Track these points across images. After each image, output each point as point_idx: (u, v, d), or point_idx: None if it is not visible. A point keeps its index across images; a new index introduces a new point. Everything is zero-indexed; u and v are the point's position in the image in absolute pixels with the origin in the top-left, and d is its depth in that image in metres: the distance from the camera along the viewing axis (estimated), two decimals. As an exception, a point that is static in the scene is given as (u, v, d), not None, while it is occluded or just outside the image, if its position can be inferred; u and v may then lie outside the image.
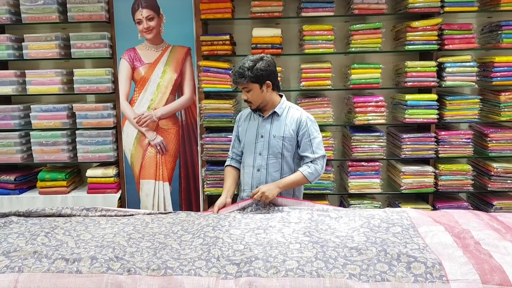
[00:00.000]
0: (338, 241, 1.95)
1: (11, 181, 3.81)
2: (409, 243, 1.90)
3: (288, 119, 2.67)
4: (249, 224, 2.19)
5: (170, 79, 3.81)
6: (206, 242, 1.98)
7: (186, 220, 2.30)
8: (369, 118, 3.59)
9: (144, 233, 2.12)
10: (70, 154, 3.87)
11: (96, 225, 2.25)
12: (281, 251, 1.86)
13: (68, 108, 3.83)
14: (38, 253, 1.86)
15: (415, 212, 2.30)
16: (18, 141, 3.82)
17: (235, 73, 2.58)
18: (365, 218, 2.19)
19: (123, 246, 1.96)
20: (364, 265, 1.74)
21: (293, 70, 3.90)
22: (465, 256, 1.80)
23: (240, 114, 2.86)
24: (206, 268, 1.75)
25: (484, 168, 3.68)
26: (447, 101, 3.58)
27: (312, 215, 2.27)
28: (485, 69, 3.66)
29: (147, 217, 2.35)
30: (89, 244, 1.99)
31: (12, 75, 3.79)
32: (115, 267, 1.76)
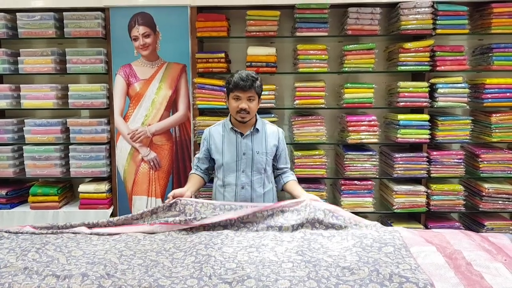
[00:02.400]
0: (331, 260, 1.95)
1: (3, 195, 3.78)
2: (401, 263, 1.90)
3: (268, 135, 2.73)
4: (241, 242, 2.18)
5: (165, 95, 3.83)
6: (198, 260, 1.98)
7: (178, 237, 2.29)
8: (362, 137, 3.62)
9: (135, 250, 2.11)
10: (63, 169, 3.86)
11: (87, 242, 2.23)
12: (273, 270, 1.86)
13: (62, 123, 3.83)
14: (29, 269, 1.85)
15: (407, 232, 2.31)
16: (10, 155, 3.81)
17: (245, 79, 2.55)
18: (357, 238, 2.19)
19: (114, 263, 1.95)
20: (356, 285, 1.74)
21: (287, 88, 3.94)
22: (456, 277, 1.80)
23: (208, 131, 2.81)
24: (198, 286, 1.75)
25: (476, 188, 3.70)
26: (439, 122, 3.61)
27: (305, 234, 2.26)
28: (476, 91, 3.71)
29: (139, 234, 2.33)
30: (80, 261, 1.97)
31: (7, 89, 3.79)
32: (106, 285, 1.75)
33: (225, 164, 2.70)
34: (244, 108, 2.58)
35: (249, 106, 2.59)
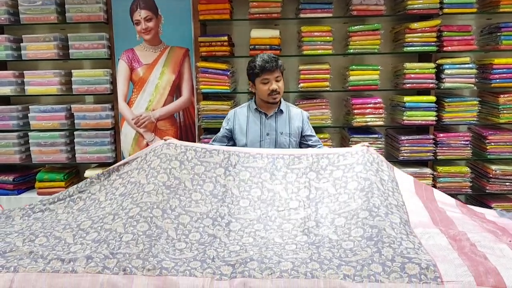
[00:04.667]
0: (335, 238, 1.93)
1: (10, 181, 3.81)
2: (404, 240, 1.87)
3: (292, 116, 2.76)
4: (248, 212, 2.16)
5: (168, 80, 3.80)
6: (203, 240, 1.98)
7: (182, 187, 2.24)
8: (367, 119, 3.58)
9: (141, 206, 2.07)
10: (69, 154, 3.87)
11: (96, 206, 2.23)
12: (276, 252, 1.86)
13: (66, 109, 3.83)
14: (34, 253, 1.86)
15: (413, 200, 2.27)
16: (16, 142, 3.83)
17: (269, 60, 2.61)
18: (364, 196, 2.12)
19: (119, 234, 1.94)
20: (358, 266, 1.73)
21: (291, 71, 3.89)
22: (460, 258, 1.79)
23: (234, 112, 2.84)
24: (201, 269, 1.76)
25: (483, 170, 3.67)
26: (446, 103, 3.57)
27: (310, 191, 2.24)
28: (484, 71, 3.64)
29: (142, 178, 2.28)
30: (87, 238, 1.97)
31: (10, 75, 3.79)
32: (110, 265, 1.76)
33: (248, 144, 2.73)
34: (275, 89, 2.63)
35: (279, 86, 2.64)
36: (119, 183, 2.34)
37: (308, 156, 2.41)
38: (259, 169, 2.36)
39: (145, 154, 2.44)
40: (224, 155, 2.39)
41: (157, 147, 2.42)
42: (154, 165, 2.31)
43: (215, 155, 2.40)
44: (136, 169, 2.36)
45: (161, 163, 2.30)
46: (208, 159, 2.37)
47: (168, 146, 2.40)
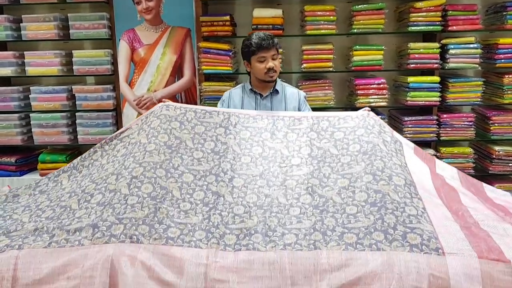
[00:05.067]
0: (339, 201, 1.93)
1: (12, 163, 3.81)
2: (408, 205, 1.86)
3: (288, 97, 2.71)
4: (250, 168, 2.16)
5: (170, 60, 3.77)
6: (207, 200, 1.99)
7: (184, 146, 2.24)
8: (370, 100, 3.56)
9: (144, 166, 2.06)
10: (70, 136, 3.86)
11: (99, 169, 2.22)
12: (280, 220, 1.87)
13: (67, 90, 3.81)
14: (39, 230, 1.86)
15: (420, 168, 2.24)
16: (18, 123, 3.81)
17: (265, 38, 2.55)
18: (367, 159, 2.11)
19: (124, 195, 1.94)
20: (361, 233, 1.76)
21: (294, 51, 3.85)
22: (462, 232, 1.79)
23: (229, 93, 2.80)
24: (206, 239, 1.78)
25: (486, 151, 3.66)
26: (450, 84, 3.54)
27: (311, 149, 2.23)
28: (489, 51, 3.60)
29: (142, 137, 2.26)
30: (91, 202, 1.97)
31: (11, 56, 3.76)
32: (117, 232, 1.77)
33: None
34: (272, 67, 2.58)
35: (275, 65, 2.60)
36: (121, 146, 2.32)
37: (308, 118, 2.40)
38: (260, 129, 2.36)
39: (145, 116, 2.41)
40: (224, 116, 2.39)
41: (156, 109, 2.40)
42: (154, 125, 2.28)
43: (215, 115, 2.39)
44: (136, 131, 2.34)
45: (161, 124, 2.28)
46: (208, 120, 2.36)
47: (167, 108, 2.37)
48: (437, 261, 1.64)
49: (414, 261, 1.64)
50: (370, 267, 1.64)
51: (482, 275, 1.60)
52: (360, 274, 1.63)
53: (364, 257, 1.67)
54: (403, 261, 1.64)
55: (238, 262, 1.69)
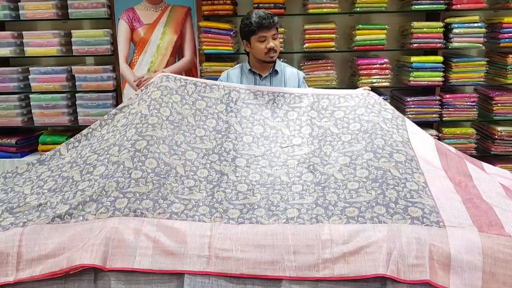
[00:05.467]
0: (341, 177, 1.95)
1: (12, 144, 3.79)
2: (409, 181, 1.88)
3: (288, 77, 2.68)
4: (252, 149, 2.18)
5: (170, 40, 3.73)
6: (211, 178, 2.00)
7: (187, 124, 2.23)
8: (373, 80, 3.53)
9: (148, 139, 2.05)
10: (71, 117, 3.84)
11: (99, 139, 2.20)
12: (283, 196, 1.89)
13: (67, 70, 3.77)
14: (43, 205, 1.86)
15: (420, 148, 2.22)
16: (18, 104, 3.78)
17: (265, 17, 2.49)
18: (368, 138, 2.13)
19: (128, 169, 1.93)
20: (362, 207, 1.78)
21: (296, 31, 3.81)
22: (464, 205, 1.80)
23: (227, 74, 2.74)
24: (210, 214, 1.80)
25: (488, 131, 3.65)
26: (453, 63, 3.51)
27: (312, 129, 2.25)
28: (493, 30, 3.56)
29: (143, 107, 2.23)
30: (94, 173, 1.96)
31: (9, 36, 3.71)
32: (121, 206, 1.78)
33: None
34: (272, 47, 2.53)
35: (275, 44, 2.55)
36: (121, 116, 2.31)
37: (308, 96, 2.40)
38: (260, 106, 2.36)
39: (145, 87, 2.38)
40: (225, 90, 2.39)
41: (156, 79, 2.37)
42: (155, 96, 2.27)
43: (215, 90, 2.38)
44: (136, 101, 2.32)
45: (162, 96, 2.27)
46: (208, 94, 2.36)
47: (167, 79, 2.36)
48: (437, 233, 1.66)
49: (415, 232, 1.66)
50: (372, 238, 1.66)
51: (482, 246, 1.62)
52: (362, 244, 1.65)
53: (366, 229, 1.69)
54: (404, 232, 1.67)
55: (241, 233, 1.72)
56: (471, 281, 1.59)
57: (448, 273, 1.60)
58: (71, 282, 1.67)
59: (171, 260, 1.67)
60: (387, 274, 1.60)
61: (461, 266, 1.60)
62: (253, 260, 1.66)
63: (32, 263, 1.69)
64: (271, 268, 1.65)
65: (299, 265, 1.65)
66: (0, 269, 1.68)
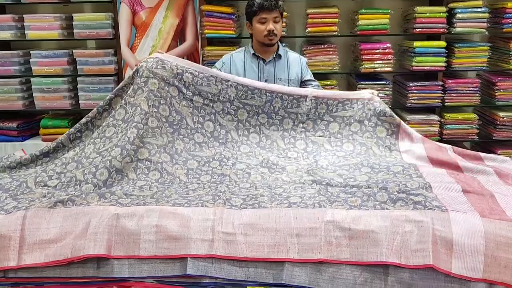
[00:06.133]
0: (341, 180, 1.98)
1: (14, 128, 3.79)
2: (409, 181, 1.91)
3: (291, 62, 2.68)
4: (250, 158, 2.21)
5: (172, 24, 3.70)
6: (214, 180, 2.03)
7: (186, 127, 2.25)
8: (375, 66, 3.52)
9: (149, 149, 2.08)
10: (72, 101, 3.82)
11: (101, 135, 2.18)
12: (285, 189, 1.92)
13: (68, 54, 3.75)
14: (47, 197, 1.87)
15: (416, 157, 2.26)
16: (19, 88, 3.77)
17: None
18: (362, 157, 2.20)
19: (133, 180, 1.97)
20: (365, 196, 1.81)
21: (298, 15, 3.78)
22: (464, 195, 1.82)
23: (230, 56, 2.74)
24: (213, 201, 1.81)
25: (490, 117, 3.65)
26: (456, 48, 3.49)
27: (306, 144, 2.30)
28: (496, 15, 3.54)
29: (142, 101, 2.20)
30: (99, 179, 1.96)
31: (10, 19, 3.68)
32: (124, 202, 1.80)
33: None
34: (272, 29, 2.53)
35: (276, 28, 2.54)
36: (119, 105, 2.28)
37: (307, 100, 2.38)
38: (257, 107, 2.37)
39: (139, 65, 2.33)
40: (222, 84, 2.36)
41: (152, 63, 2.30)
42: (153, 87, 2.24)
43: (212, 83, 2.35)
44: (132, 86, 2.28)
45: (159, 89, 2.24)
46: (205, 88, 2.34)
47: (163, 64, 2.30)
48: (440, 217, 1.66)
49: (417, 217, 1.66)
50: (374, 223, 1.67)
51: (484, 230, 1.62)
52: (365, 229, 1.66)
53: (368, 214, 1.70)
54: (407, 217, 1.67)
55: (244, 216, 1.73)
56: (473, 264, 1.60)
57: (451, 257, 1.61)
58: (74, 269, 1.68)
59: (175, 245, 1.67)
60: (388, 261, 1.61)
61: (463, 250, 1.61)
62: (256, 243, 1.67)
63: (35, 248, 1.69)
64: (274, 251, 1.66)
65: (301, 248, 1.66)
66: (3, 253, 1.68)
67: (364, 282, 1.63)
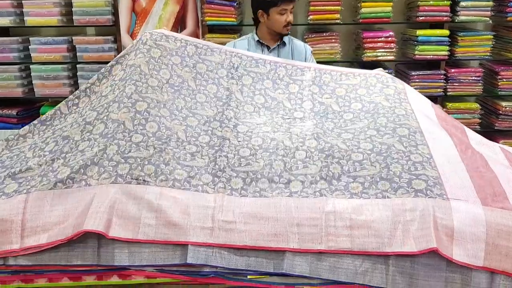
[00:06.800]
0: (344, 147, 1.93)
1: (13, 115, 3.77)
2: (413, 153, 1.87)
3: (295, 49, 2.67)
4: (254, 118, 2.15)
5: (172, 11, 3.66)
6: (213, 143, 1.96)
7: (187, 88, 2.19)
8: (378, 54, 3.49)
9: (148, 102, 2.00)
10: (72, 88, 3.79)
11: (98, 96, 2.13)
12: (286, 164, 1.87)
13: (68, 41, 3.72)
14: (44, 169, 1.83)
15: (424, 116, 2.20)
16: (18, 75, 3.74)
17: None
18: (370, 117, 2.12)
19: (129, 131, 1.88)
20: (366, 183, 1.77)
21: (300, 3, 3.72)
22: (468, 174, 1.79)
23: (234, 44, 2.71)
24: (213, 184, 1.78)
25: (492, 106, 3.63)
26: (459, 37, 3.47)
27: (313, 104, 2.24)
28: (500, 4, 3.50)
29: (142, 63, 2.15)
30: (94, 132, 1.91)
31: (9, 5, 3.64)
32: (123, 172, 1.75)
33: None
34: (291, 20, 2.54)
35: (292, 19, 2.56)
36: (118, 68, 2.24)
37: (310, 69, 2.38)
38: (262, 75, 2.32)
39: (144, 34, 2.30)
40: (226, 54, 2.34)
41: (157, 35, 2.28)
42: (155, 55, 2.20)
43: (216, 53, 2.33)
44: (133, 52, 2.23)
45: (161, 57, 2.20)
46: (209, 57, 2.31)
47: (167, 38, 2.28)
48: (441, 205, 1.65)
49: (419, 205, 1.65)
50: (376, 213, 1.66)
51: (486, 219, 1.62)
52: (366, 219, 1.65)
53: (370, 204, 1.69)
54: (409, 205, 1.66)
55: (245, 205, 1.71)
56: (474, 252, 1.59)
57: (452, 244, 1.60)
58: (74, 257, 1.67)
59: (174, 231, 1.66)
60: (391, 251, 1.60)
61: (464, 237, 1.60)
62: (256, 231, 1.66)
63: (37, 230, 1.67)
64: (274, 240, 1.65)
65: (302, 237, 1.65)
66: (5, 236, 1.67)
67: (365, 272, 1.62)
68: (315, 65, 2.47)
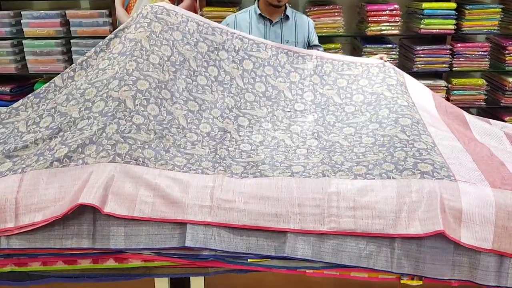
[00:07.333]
0: (346, 144, 1.90)
1: (7, 92, 3.68)
2: (417, 141, 1.82)
3: (298, 24, 2.59)
4: (254, 109, 2.12)
5: (169, -17, 3.54)
6: (213, 134, 1.94)
7: (189, 68, 2.13)
8: (382, 28, 3.39)
9: (150, 82, 1.94)
10: (66, 64, 3.69)
11: (95, 70, 2.07)
12: (287, 156, 1.84)
13: (61, 15, 3.60)
14: (40, 147, 1.77)
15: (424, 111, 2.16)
16: (11, 50, 3.63)
17: None
18: (372, 110, 2.09)
19: (129, 112, 1.83)
20: (370, 165, 1.72)
21: (301, -26, 3.63)
22: (474, 162, 1.75)
23: (235, 17, 2.63)
24: (213, 168, 1.74)
25: (499, 82, 3.54)
26: (467, 10, 3.36)
27: (315, 95, 2.21)
28: (509, -25, 3.39)
29: (143, 38, 2.08)
30: (93, 111, 1.85)
31: (-2, -23, 3.52)
32: (122, 152, 1.70)
33: None
34: None
35: None
36: (117, 41, 2.16)
37: (312, 58, 2.34)
38: (263, 60, 2.28)
39: (144, 7, 2.22)
40: (227, 35, 2.30)
41: (157, 9, 2.21)
42: (156, 29, 2.13)
43: (217, 33, 2.28)
44: (133, 25, 2.16)
45: (162, 32, 2.14)
46: (210, 37, 2.26)
47: (168, 12, 2.22)
48: (449, 186, 1.59)
49: (425, 186, 1.59)
50: (381, 193, 1.60)
51: (495, 200, 1.56)
52: (370, 200, 1.59)
53: (374, 184, 1.63)
54: (414, 186, 1.60)
55: (245, 185, 1.66)
56: (483, 234, 1.54)
57: (460, 226, 1.55)
58: (69, 240, 1.61)
59: (172, 209, 1.60)
60: (396, 233, 1.55)
61: (473, 219, 1.55)
62: (256, 211, 1.60)
63: (32, 208, 1.62)
64: (274, 220, 1.60)
65: (303, 218, 1.59)
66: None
67: (370, 255, 1.57)
68: (316, 52, 2.42)
